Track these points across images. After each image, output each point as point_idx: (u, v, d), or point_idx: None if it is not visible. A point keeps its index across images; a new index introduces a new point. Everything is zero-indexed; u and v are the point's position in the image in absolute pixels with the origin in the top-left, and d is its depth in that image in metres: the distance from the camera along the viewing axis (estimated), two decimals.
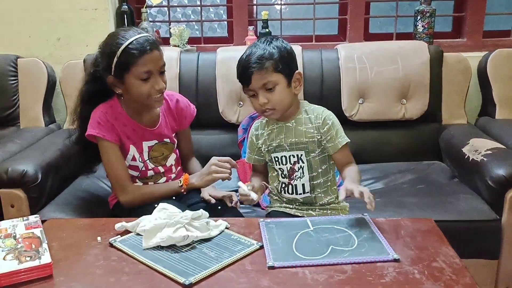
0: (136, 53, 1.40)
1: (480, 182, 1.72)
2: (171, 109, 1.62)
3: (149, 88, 1.44)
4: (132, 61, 1.40)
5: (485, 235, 1.65)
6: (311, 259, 1.06)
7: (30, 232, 1.15)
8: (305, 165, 1.42)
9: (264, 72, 1.34)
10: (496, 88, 2.19)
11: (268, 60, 1.34)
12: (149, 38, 1.43)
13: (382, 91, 2.10)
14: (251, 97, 1.40)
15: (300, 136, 1.41)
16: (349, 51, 2.14)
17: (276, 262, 1.05)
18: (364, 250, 1.09)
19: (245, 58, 1.37)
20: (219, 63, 2.13)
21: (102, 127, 1.48)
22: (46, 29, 2.36)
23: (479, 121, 2.28)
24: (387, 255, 1.06)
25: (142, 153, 1.56)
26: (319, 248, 1.10)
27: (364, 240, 1.13)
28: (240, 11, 2.45)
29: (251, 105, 2.04)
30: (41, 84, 2.24)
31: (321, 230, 1.19)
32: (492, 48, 2.28)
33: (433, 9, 2.29)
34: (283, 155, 1.43)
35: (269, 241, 1.14)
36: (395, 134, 2.17)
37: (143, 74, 1.42)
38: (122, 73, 1.43)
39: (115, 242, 1.14)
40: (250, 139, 1.52)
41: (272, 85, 1.35)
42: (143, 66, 1.41)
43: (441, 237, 1.17)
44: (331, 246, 1.11)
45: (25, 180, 1.66)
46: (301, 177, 1.42)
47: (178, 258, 1.07)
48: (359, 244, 1.11)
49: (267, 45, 1.37)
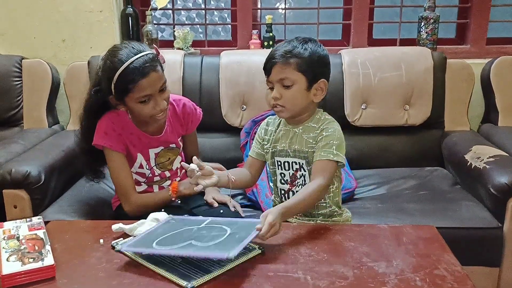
0: (132, 78, 1.35)
1: (483, 190, 1.72)
2: (178, 114, 1.60)
3: (150, 109, 1.41)
4: (130, 87, 1.36)
5: (487, 242, 1.65)
6: (158, 249, 1.07)
7: (33, 234, 1.15)
8: (306, 173, 1.38)
9: (286, 67, 1.30)
10: (499, 95, 2.20)
11: (294, 57, 1.30)
12: (147, 58, 1.37)
13: (385, 97, 2.11)
14: (269, 88, 1.36)
15: (303, 145, 1.36)
16: (353, 56, 2.15)
17: (126, 247, 1.09)
18: (213, 247, 1.05)
19: (273, 50, 1.34)
20: (223, 67, 2.14)
21: (109, 137, 1.47)
22: (51, 31, 2.37)
23: (482, 128, 2.28)
24: (224, 253, 0.99)
25: (149, 160, 1.56)
26: (178, 241, 1.10)
27: (227, 240, 1.08)
28: (244, 15, 2.46)
29: (254, 108, 2.09)
30: (45, 85, 2.25)
31: (208, 228, 1.18)
32: (496, 55, 2.28)
33: (437, 15, 2.30)
34: (286, 161, 1.39)
35: (148, 232, 1.18)
36: (398, 140, 2.17)
37: (142, 98, 1.39)
38: (122, 96, 1.40)
39: (117, 245, 1.14)
40: (259, 132, 1.47)
41: (289, 83, 1.31)
42: (141, 91, 1.37)
43: (443, 245, 1.17)
44: (191, 241, 1.10)
45: (28, 181, 1.66)
46: (303, 184, 1.38)
47: (180, 262, 1.07)
48: (217, 243, 1.07)
49: (300, 44, 1.32)
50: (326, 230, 1.25)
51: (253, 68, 2.11)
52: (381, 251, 1.14)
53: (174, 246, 1.08)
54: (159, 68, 1.41)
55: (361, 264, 1.08)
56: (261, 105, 2.07)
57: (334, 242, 1.18)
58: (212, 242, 1.08)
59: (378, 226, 1.28)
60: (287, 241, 1.19)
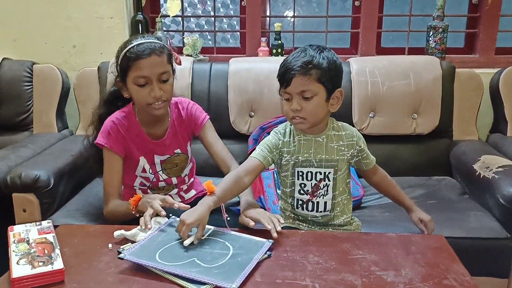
0: (132, 57, 1.38)
1: (491, 200, 1.71)
2: (182, 117, 1.57)
3: (145, 95, 1.41)
4: (129, 65, 1.39)
5: (496, 253, 1.63)
6: (161, 263, 1.07)
7: (43, 238, 1.16)
8: (331, 183, 1.37)
9: (307, 79, 1.27)
10: (508, 105, 2.19)
11: (314, 68, 1.27)
12: (153, 44, 1.40)
13: (393, 105, 2.11)
14: (284, 99, 1.33)
15: (331, 153, 1.35)
16: (361, 65, 2.15)
17: (129, 255, 1.09)
18: (216, 272, 1.04)
19: (290, 59, 1.30)
20: (232, 74, 2.15)
21: (112, 137, 1.48)
22: (62, 37, 2.40)
23: (490, 138, 2.27)
24: (229, 283, 1.00)
25: (154, 165, 1.55)
26: (181, 257, 1.10)
27: (230, 264, 1.08)
28: (253, 22, 2.47)
29: (262, 115, 2.10)
30: (55, 90, 2.28)
31: (209, 241, 1.18)
32: (505, 65, 2.28)
33: (446, 25, 2.30)
34: (309, 171, 1.36)
35: (150, 237, 1.18)
36: (406, 149, 2.17)
37: (139, 79, 1.39)
38: (124, 76, 1.43)
39: (123, 251, 1.13)
40: (275, 140, 1.38)
41: (310, 94, 1.28)
42: (138, 70, 1.38)
43: (452, 254, 1.16)
44: (194, 258, 1.10)
45: (38, 185, 1.68)
46: (325, 195, 1.37)
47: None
48: (220, 265, 1.08)
49: (317, 53, 1.29)
50: (334, 238, 1.25)
51: (261, 76, 2.12)
52: (389, 260, 1.14)
53: (178, 263, 1.08)
54: (164, 57, 1.42)
55: (369, 273, 1.07)
56: (269, 112, 2.08)
57: (342, 250, 1.18)
58: (215, 264, 1.08)
59: (387, 235, 1.27)
60: (295, 248, 1.19)
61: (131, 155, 1.52)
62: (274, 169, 1.90)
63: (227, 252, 1.13)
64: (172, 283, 1.03)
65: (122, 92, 1.49)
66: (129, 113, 1.52)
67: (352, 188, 1.83)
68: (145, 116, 1.51)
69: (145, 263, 1.07)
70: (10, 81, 2.24)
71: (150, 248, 1.14)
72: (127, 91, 1.46)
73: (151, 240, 1.17)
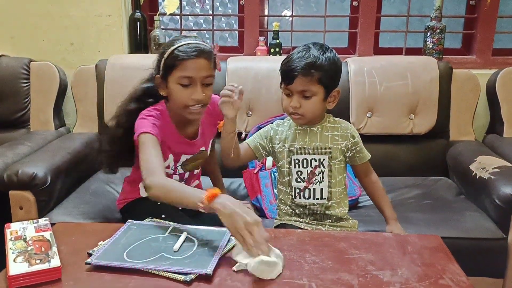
0: (181, 55, 1.36)
1: (487, 200, 1.72)
2: (211, 113, 1.54)
3: (186, 96, 1.39)
4: (176, 64, 1.37)
5: (491, 253, 1.65)
6: (131, 262, 1.07)
7: (40, 235, 1.16)
8: (325, 170, 1.44)
9: (308, 80, 1.35)
10: (504, 106, 2.20)
11: (316, 70, 1.34)
12: (201, 46, 1.38)
13: (390, 106, 2.11)
14: (285, 95, 1.41)
15: (326, 141, 1.44)
16: (359, 65, 2.16)
17: (96, 260, 1.07)
18: (188, 261, 1.07)
19: (294, 58, 1.36)
20: (230, 73, 2.15)
21: (156, 128, 1.40)
22: (60, 34, 2.39)
23: (487, 139, 2.28)
24: (202, 269, 1.03)
25: (177, 162, 1.53)
26: (149, 254, 1.11)
27: (198, 253, 1.11)
28: (251, 21, 2.47)
29: (260, 115, 2.09)
30: (52, 88, 2.27)
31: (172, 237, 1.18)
32: (502, 66, 2.29)
33: (444, 25, 2.31)
34: (305, 158, 1.44)
35: (113, 240, 1.17)
36: (403, 149, 2.17)
37: (183, 80, 1.37)
38: (167, 74, 1.40)
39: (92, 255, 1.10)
40: (267, 128, 1.51)
41: (310, 94, 1.37)
42: (184, 70, 1.37)
43: (448, 254, 1.17)
44: (162, 253, 1.11)
45: (35, 183, 1.67)
46: (321, 181, 1.44)
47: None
48: (189, 256, 1.10)
49: (320, 54, 1.36)
50: (331, 237, 1.26)
51: (259, 75, 2.13)
52: (386, 259, 1.14)
53: (147, 259, 1.08)
54: (211, 62, 1.41)
55: (366, 272, 1.08)
56: (267, 111, 2.08)
57: (339, 249, 1.18)
58: (185, 255, 1.11)
59: (383, 235, 1.28)
60: (292, 248, 1.19)
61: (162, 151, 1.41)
62: (271, 168, 1.91)
63: (193, 244, 1.16)
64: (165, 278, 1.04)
65: (159, 90, 1.45)
66: (163, 111, 1.47)
67: (349, 187, 1.85)
68: (177, 116, 1.47)
69: (115, 264, 1.07)
70: (7, 78, 2.23)
71: (116, 250, 1.13)
72: (165, 89, 1.43)
73: (114, 243, 1.16)
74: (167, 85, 1.42)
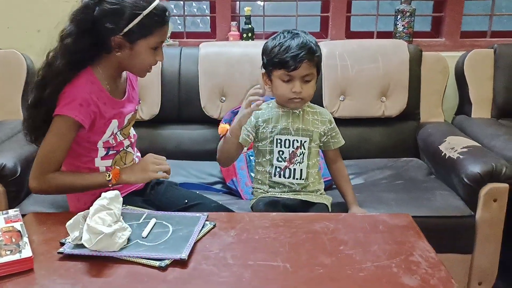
0: (161, 20, 1.31)
1: (456, 179, 1.77)
2: (131, 77, 1.49)
3: (153, 59, 1.36)
4: (152, 28, 1.30)
5: (460, 230, 1.70)
6: (104, 251, 1.06)
7: (10, 226, 1.14)
8: (306, 151, 1.51)
9: (312, 64, 1.45)
10: (472, 87, 2.25)
11: (316, 54, 1.46)
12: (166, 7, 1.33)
13: (362, 89, 2.14)
14: (284, 81, 1.46)
15: (307, 124, 1.52)
16: (331, 49, 2.17)
17: (69, 249, 1.07)
18: (163, 247, 1.08)
19: (297, 45, 1.43)
20: (202, 58, 2.13)
21: (83, 110, 1.29)
22: (26, 20, 2.32)
23: (455, 120, 2.33)
24: (177, 254, 1.05)
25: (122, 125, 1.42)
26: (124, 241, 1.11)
27: (173, 239, 1.12)
28: (223, 6, 2.45)
29: (233, 100, 2.09)
30: (20, 76, 2.20)
31: (146, 223, 1.19)
32: (470, 48, 2.34)
33: (413, 8, 2.34)
34: (287, 139, 1.50)
35: None
36: (375, 131, 2.21)
37: (157, 44, 1.34)
38: (137, 37, 1.29)
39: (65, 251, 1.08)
40: (249, 121, 1.51)
41: (311, 78, 1.46)
42: (162, 36, 1.34)
43: (418, 232, 1.20)
44: (137, 240, 1.12)
45: (4, 174, 1.64)
46: (301, 162, 1.50)
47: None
48: (164, 242, 1.11)
49: (311, 39, 1.47)
50: (304, 219, 1.28)
51: (232, 60, 2.12)
52: (358, 239, 1.17)
53: (122, 247, 1.08)
54: None
55: (339, 252, 1.10)
56: (241, 96, 2.06)
57: (312, 230, 1.20)
58: (159, 241, 1.11)
59: (356, 215, 1.30)
60: (266, 230, 1.20)
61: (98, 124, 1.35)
62: (246, 152, 1.91)
63: (168, 230, 1.17)
64: (139, 264, 1.04)
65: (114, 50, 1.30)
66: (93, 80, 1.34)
67: (324, 169, 1.87)
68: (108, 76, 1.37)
69: (88, 252, 1.06)
70: None
71: None
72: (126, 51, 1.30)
73: None
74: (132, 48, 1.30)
